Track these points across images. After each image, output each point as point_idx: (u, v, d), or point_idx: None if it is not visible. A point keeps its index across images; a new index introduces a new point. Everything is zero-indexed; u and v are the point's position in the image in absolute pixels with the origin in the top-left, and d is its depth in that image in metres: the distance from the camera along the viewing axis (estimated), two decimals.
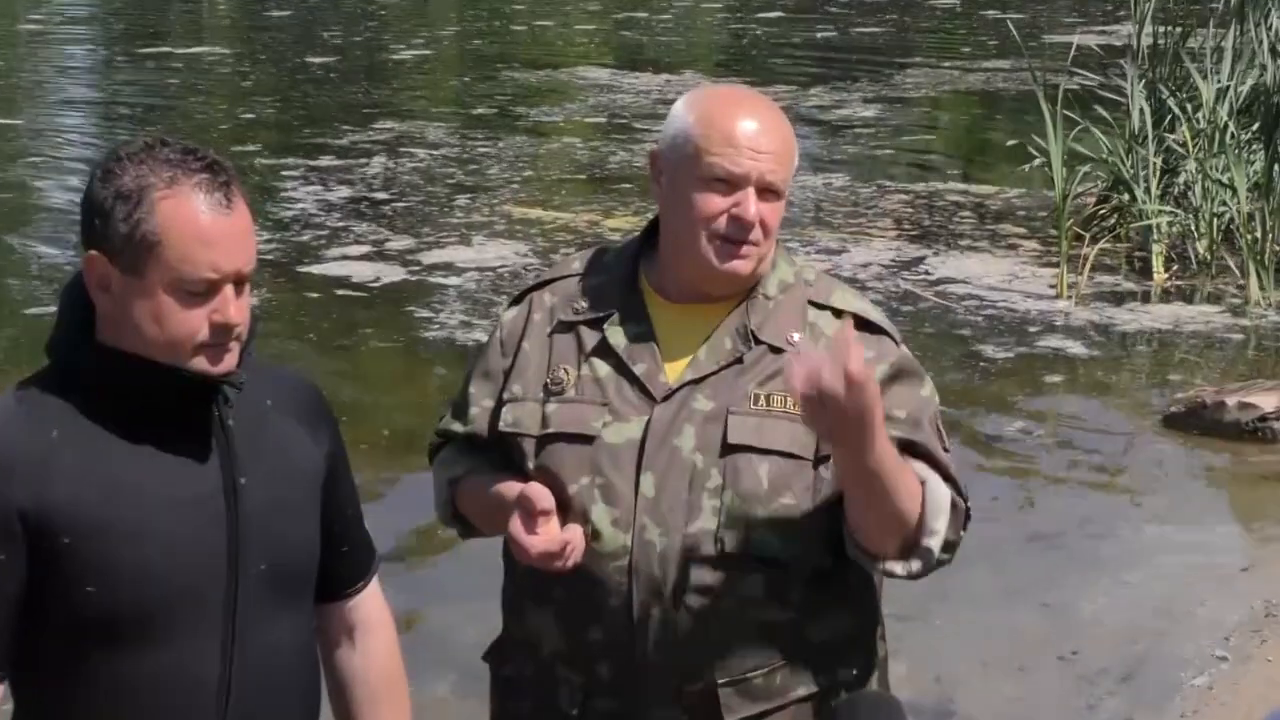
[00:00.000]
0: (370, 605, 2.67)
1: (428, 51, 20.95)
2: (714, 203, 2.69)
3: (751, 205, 2.68)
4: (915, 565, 2.69)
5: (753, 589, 2.68)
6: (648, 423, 2.69)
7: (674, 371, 2.73)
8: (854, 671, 2.80)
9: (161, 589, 2.31)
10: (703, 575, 2.66)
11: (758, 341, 2.73)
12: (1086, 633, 5.64)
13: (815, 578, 2.72)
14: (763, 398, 2.70)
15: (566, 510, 2.68)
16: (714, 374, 2.72)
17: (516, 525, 2.63)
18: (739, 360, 2.73)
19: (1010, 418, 7.79)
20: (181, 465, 2.34)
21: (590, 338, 2.77)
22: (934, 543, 2.67)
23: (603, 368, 2.74)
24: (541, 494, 2.64)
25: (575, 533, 2.64)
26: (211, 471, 2.36)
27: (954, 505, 2.70)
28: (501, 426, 2.77)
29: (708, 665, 2.68)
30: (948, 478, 2.72)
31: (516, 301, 2.87)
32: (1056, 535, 6.52)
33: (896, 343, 2.79)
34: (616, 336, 2.75)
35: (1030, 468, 7.27)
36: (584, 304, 2.79)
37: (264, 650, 2.40)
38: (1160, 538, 6.44)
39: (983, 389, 8.21)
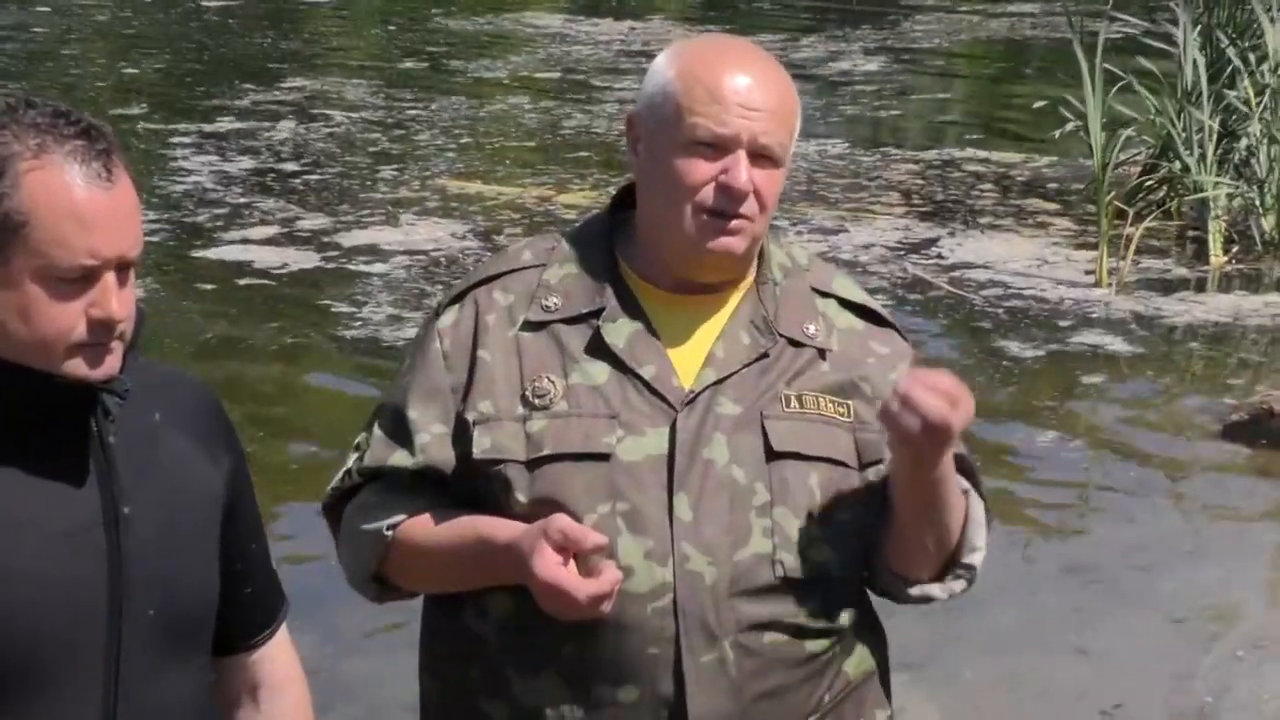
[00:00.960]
0: (278, 658, 2.66)
1: None
2: (699, 169, 2.71)
3: (743, 171, 2.70)
4: (958, 585, 2.80)
5: (808, 618, 2.72)
6: (671, 434, 2.70)
7: (686, 373, 2.75)
8: (887, 714, 2.88)
9: (27, 638, 2.29)
10: (760, 607, 2.69)
11: (778, 334, 2.78)
12: (1132, 683, 5.67)
13: (852, 600, 2.79)
14: (794, 399, 2.75)
15: None
16: (735, 374, 2.75)
17: (553, 567, 2.59)
18: (764, 356, 2.76)
19: (1040, 428, 7.82)
20: (53, 491, 2.33)
21: (575, 338, 2.76)
22: (977, 559, 2.79)
23: (599, 373, 2.74)
24: (581, 528, 2.61)
25: (613, 569, 2.62)
26: (89, 499, 2.35)
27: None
28: (477, 453, 2.72)
29: (768, 713, 2.72)
30: (978, 491, 2.84)
31: (455, 302, 2.84)
32: (1096, 568, 6.55)
33: (904, 339, 2.88)
34: (613, 335, 2.75)
35: (1064, 487, 7.30)
36: (556, 300, 2.79)
37: (152, 710, 2.39)
38: (1219, 570, 6.47)
39: (1007, 393, 8.24)
